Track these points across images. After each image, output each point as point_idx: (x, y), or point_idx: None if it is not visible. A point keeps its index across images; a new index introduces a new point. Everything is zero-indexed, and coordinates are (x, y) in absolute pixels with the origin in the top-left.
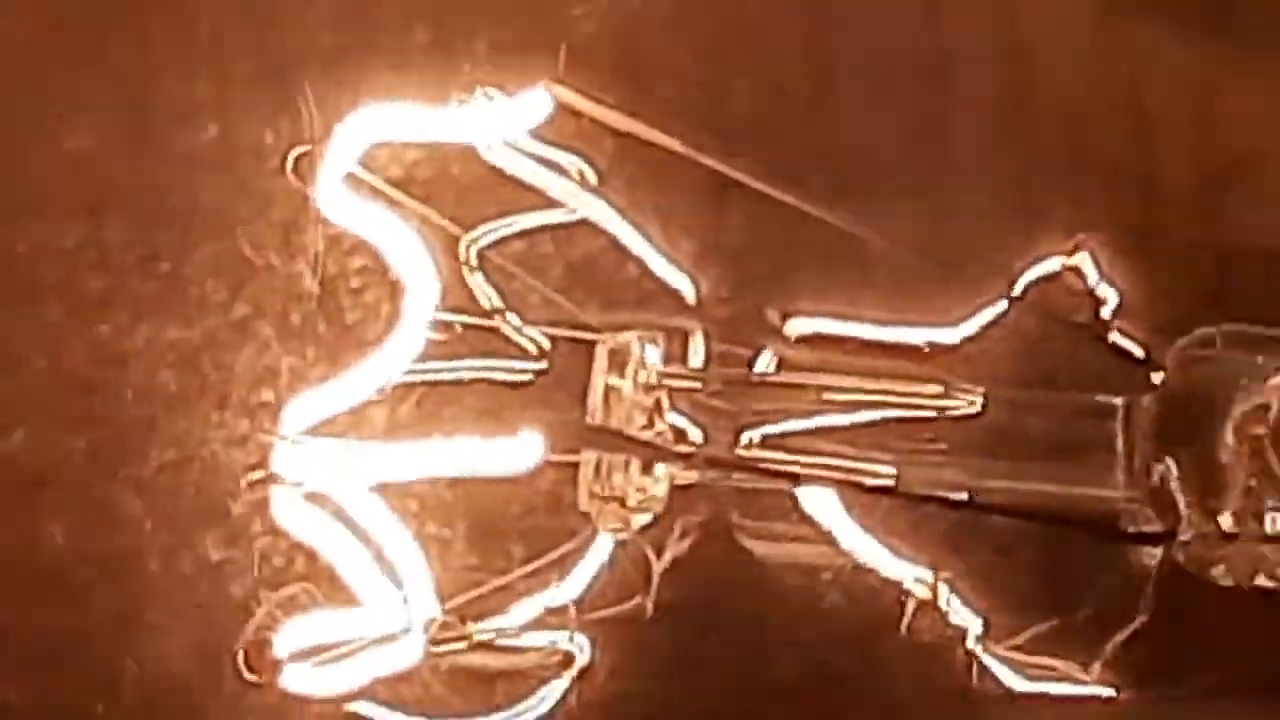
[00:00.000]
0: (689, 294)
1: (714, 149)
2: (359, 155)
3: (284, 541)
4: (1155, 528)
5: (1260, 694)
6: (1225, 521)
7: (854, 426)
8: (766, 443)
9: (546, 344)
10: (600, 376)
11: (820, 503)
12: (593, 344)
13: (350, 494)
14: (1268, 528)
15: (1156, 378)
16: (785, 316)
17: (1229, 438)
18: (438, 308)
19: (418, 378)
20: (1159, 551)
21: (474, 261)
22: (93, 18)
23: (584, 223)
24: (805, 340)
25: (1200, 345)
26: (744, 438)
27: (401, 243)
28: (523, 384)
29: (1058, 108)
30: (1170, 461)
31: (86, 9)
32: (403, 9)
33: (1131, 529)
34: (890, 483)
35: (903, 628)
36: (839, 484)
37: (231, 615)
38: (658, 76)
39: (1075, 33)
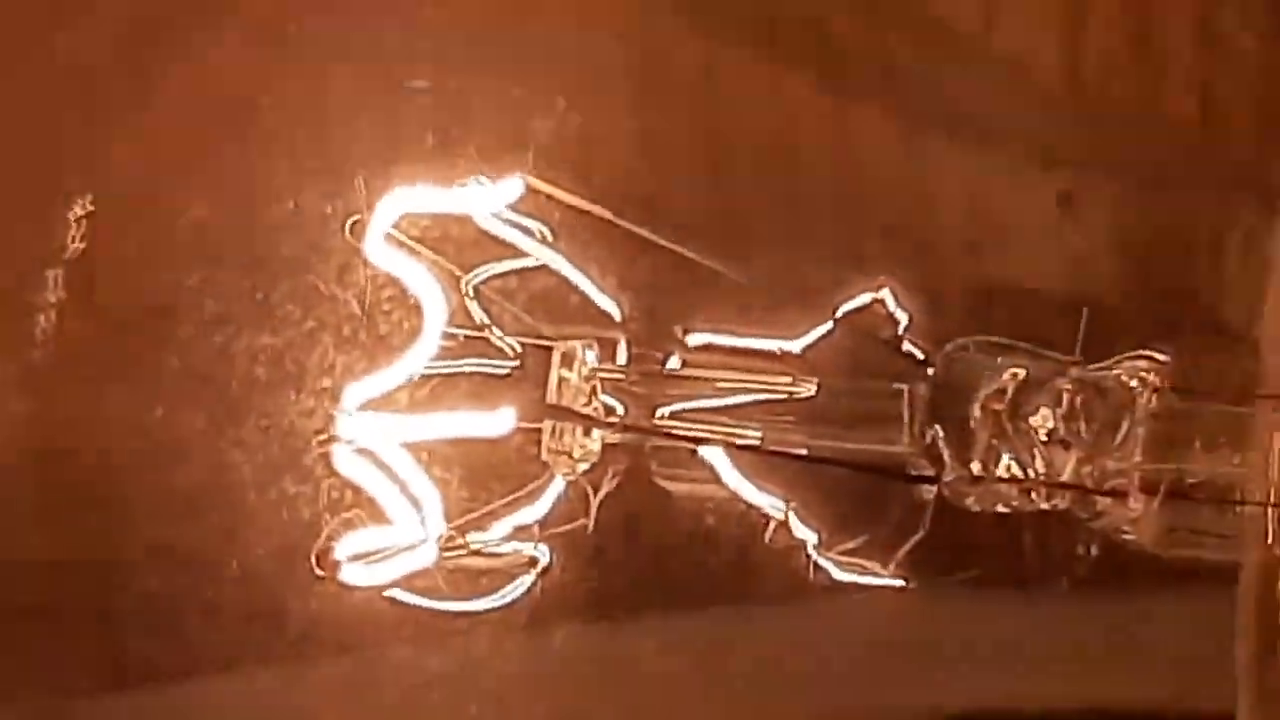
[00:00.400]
0: (616, 315)
1: (628, 215)
2: (392, 221)
3: (340, 482)
4: (928, 472)
5: (1007, 585)
6: (974, 468)
7: (734, 406)
8: (674, 416)
9: (519, 349)
10: (555, 371)
11: (712, 456)
12: (550, 349)
13: (385, 449)
14: (1001, 472)
15: (930, 372)
16: (686, 331)
17: (977, 411)
18: (446, 325)
19: (432, 372)
20: (932, 489)
21: (470, 293)
22: (211, 131)
23: (543, 266)
24: (701, 348)
25: (959, 350)
26: (659, 413)
27: (421, 281)
28: (502, 376)
29: (878, 189)
30: (938, 427)
31: (202, 130)
32: (418, 123)
33: (913, 473)
34: (757, 443)
35: (765, 539)
36: (722, 443)
37: (305, 531)
38: (593, 169)
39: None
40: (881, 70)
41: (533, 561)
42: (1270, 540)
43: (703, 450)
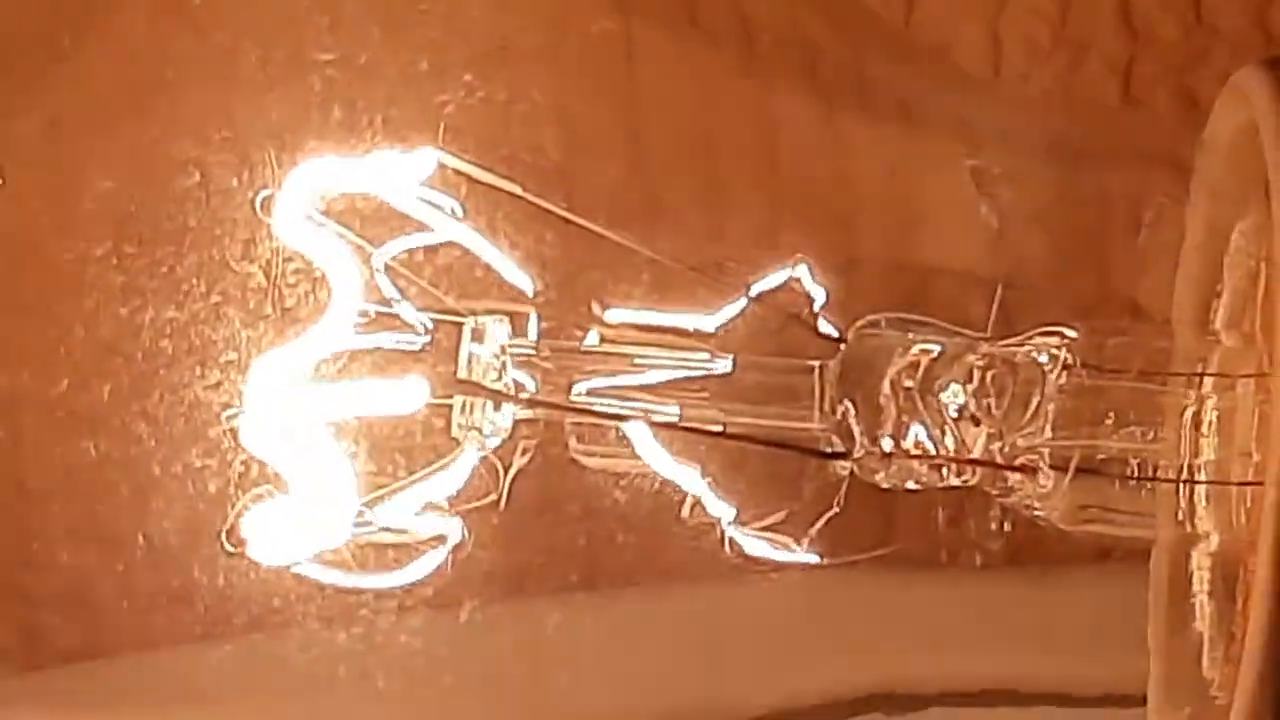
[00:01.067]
0: (528, 290)
1: (541, 192)
2: (300, 195)
3: (249, 456)
4: (840, 449)
5: (921, 562)
6: (885, 445)
7: (652, 383)
8: (591, 392)
9: (429, 324)
10: (466, 346)
11: (631, 431)
12: (460, 324)
13: (294, 424)
14: (910, 448)
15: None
16: (605, 307)
17: (887, 388)
18: (355, 300)
19: (341, 347)
20: (846, 465)
21: (380, 268)
22: (117, 104)
23: (451, 241)
24: (618, 325)
25: (871, 326)
26: (576, 389)
27: (330, 255)
28: (414, 351)
29: (796, 167)
30: (849, 403)
31: (108, 103)
32: (326, 96)
33: (826, 449)
34: (674, 419)
35: (680, 515)
36: (637, 419)
37: (214, 507)
38: (504, 144)
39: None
40: (801, 51)
41: (443, 537)
42: (1181, 518)
43: (625, 426)
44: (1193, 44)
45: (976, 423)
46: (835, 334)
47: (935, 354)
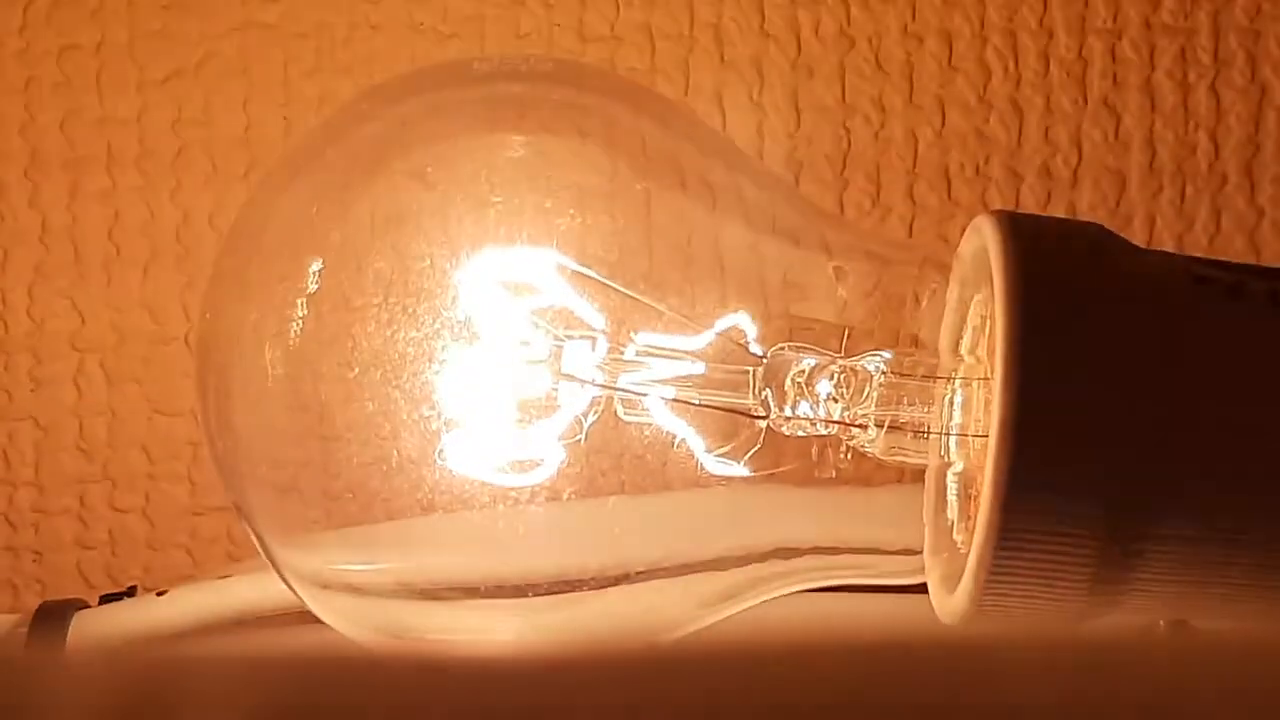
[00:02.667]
0: (599, 323)
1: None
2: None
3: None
4: (761, 415)
5: (800, 479)
6: (787, 413)
7: (661, 377)
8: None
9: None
10: (574, 354)
11: (650, 402)
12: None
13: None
14: (801, 415)
15: (764, 362)
16: (636, 332)
17: (788, 383)
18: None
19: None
20: (764, 423)
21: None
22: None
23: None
24: (645, 345)
25: (779, 349)
26: (622, 379)
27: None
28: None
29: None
30: (768, 390)
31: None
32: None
33: (756, 414)
34: (673, 397)
35: (673, 446)
36: (657, 396)
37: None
38: None
39: None
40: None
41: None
42: (942, 454)
43: (646, 399)
44: (944, 212)
45: (836, 401)
46: (760, 353)
47: (813, 365)
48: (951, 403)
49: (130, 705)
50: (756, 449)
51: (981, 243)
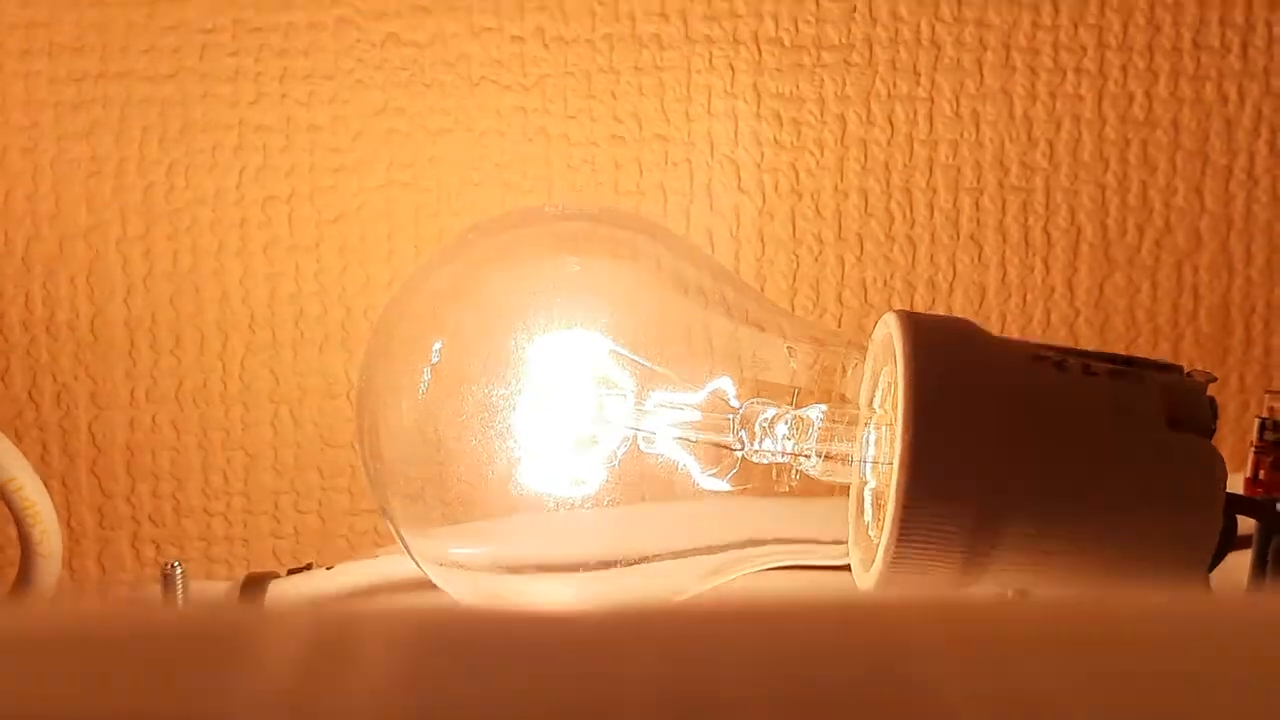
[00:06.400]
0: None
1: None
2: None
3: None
4: (738, 449)
5: (760, 491)
6: (757, 448)
7: (675, 420)
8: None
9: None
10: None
11: (659, 443)
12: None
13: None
14: (766, 449)
15: (741, 411)
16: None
17: (758, 426)
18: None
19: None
20: (741, 454)
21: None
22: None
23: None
24: (664, 400)
25: (751, 402)
26: (648, 423)
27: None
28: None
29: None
30: (744, 431)
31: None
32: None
33: (735, 449)
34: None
35: (678, 469)
36: (667, 434)
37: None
38: None
39: None
40: None
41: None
42: (862, 476)
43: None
44: (862, 311)
45: (789, 439)
46: (737, 406)
47: (774, 414)
48: (868, 441)
49: (311, 641)
50: (735, 471)
51: (888, 332)
